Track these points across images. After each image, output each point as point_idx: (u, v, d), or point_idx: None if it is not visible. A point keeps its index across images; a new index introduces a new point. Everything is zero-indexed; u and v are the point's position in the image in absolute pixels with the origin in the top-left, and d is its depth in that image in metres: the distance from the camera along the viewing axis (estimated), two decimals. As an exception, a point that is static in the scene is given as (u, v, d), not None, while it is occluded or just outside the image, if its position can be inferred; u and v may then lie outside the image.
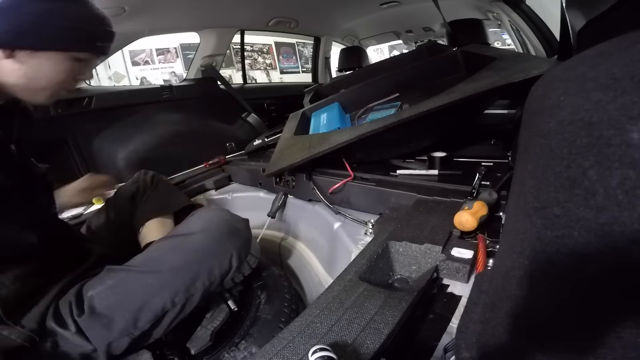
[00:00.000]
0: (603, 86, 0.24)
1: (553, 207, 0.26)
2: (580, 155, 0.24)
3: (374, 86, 1.33)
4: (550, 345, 0.27)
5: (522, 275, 0.29)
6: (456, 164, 0.93)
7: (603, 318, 0.24)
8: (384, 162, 1.00)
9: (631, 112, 0.22)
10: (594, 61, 0.26)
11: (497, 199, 0.66)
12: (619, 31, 0.28)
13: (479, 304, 0.42)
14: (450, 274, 0.54)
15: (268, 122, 2.01)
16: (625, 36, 0.26)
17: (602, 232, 0.22)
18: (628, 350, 0.23)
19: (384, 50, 5.06)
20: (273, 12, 1.90)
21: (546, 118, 0.29)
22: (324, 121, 1.18)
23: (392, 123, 0.74)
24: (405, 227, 0.63)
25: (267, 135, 1.46)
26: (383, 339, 0.40)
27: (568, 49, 0.73)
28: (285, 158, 0.98)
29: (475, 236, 0.59)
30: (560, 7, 0.74)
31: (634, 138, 0.21)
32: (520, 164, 0.37)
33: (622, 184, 0.22)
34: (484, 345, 0.35)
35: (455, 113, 0.86)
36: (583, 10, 0.59)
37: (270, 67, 4.83)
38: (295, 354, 0.39)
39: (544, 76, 0.34)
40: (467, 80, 0.78)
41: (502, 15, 1.90)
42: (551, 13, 1.49)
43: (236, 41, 2.03)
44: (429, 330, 0.45)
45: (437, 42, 2.28)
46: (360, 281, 0.51)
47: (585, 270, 0.24)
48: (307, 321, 0.44)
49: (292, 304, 0.74)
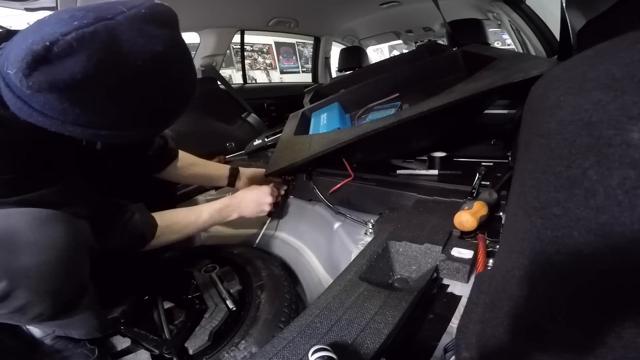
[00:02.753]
0: (603, 86, 0.24)
1: (553, 207, 0.26)
2: (580, 155, 0.24)
3: (374, 86, 1.32)
4: (550, 345, 0.27)
5: (522, 275, 0.29)
6: (456, 164, 0.93)
7: (603, 318, 0.24)
8: (384, 162, 1.00)
9: (631, 112, 0.22)
10: (594, 61, 0.26)
11: (497, 199, 0.66)
12: (619, 31, 0.28)
13: (479, 304, 0.42)
14: (450, 274, 0.54)
15: (268, 122, 2.01)
16: (625, 36, 0.26)
17: (602, 232, 0.22)
18: (628, 350, 0.23)
19: (384, 50, 5.06)
20: (273, 12, 1.90)
21: (546, 118, 0.29)
22: (324, 121, 1.18)
23: (392, 123, 0.74)
24: (405, 227, 0.63)
25: (267, 135, 1.46)
26: (383, 339, 0.40)
27: (568, 49, 0.73)
28: (285, 158, 0.98)
29: (475, 236, 0.59)
30: (560, 7, 0.74)
31: (634, 138, 0.21)
32: (520, 164, 0.37)
33: (622, 184, 0.22)
34: (484, 345, 0.35)
35: (455, 113, 0.86)
36: (583, 10, 0.59)
37: (270, 67, 4.82)
38: (295, 354, 0.39)
39: (544, 76, 0.34)
40: (467, 80, 0.78)
41: (502, 15, 1.90)
42: (551, 13, 1.50)
43: (236, 41, 2.03)
44: (429, 330, 0.45)
45: (437, 42, 2.29)
46: (360, 281, 0.51)
47: (586, 270, 0.24)
48: (307, 321, 0.44)
49: (292, 304, 0.74)
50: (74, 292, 0.52)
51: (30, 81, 0.38)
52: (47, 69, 0.38)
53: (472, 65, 1.11)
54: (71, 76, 0.39)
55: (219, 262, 0.88)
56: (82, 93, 0.41)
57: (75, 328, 0.59)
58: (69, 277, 0.51)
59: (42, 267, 0.47)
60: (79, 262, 0.53)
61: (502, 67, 0.79)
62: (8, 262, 0.45)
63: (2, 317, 0.49)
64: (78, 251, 0.52)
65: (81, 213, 0.57)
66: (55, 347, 0.62)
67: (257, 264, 0.85)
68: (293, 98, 1.89)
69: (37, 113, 0.43)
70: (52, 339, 0.62)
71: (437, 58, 1.33)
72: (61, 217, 0.51)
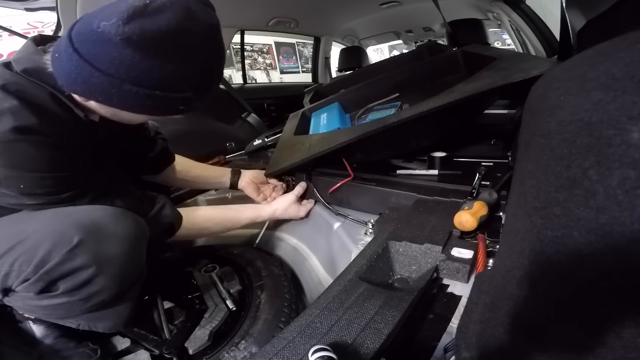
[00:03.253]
0: (603, 86, 0.24)
1: (553, 207, 0.26)
2: (580, 155, 0.24)
3: (374, 86, 1.32)
4: (550, 345, 0.27)
5: (522, 275, 0.29)
6: (456, 164, 0.93)
7: (603, 318, 0.24)
8: (384, 162, 1.00)
9: (631, 112, 0.22)
10: (594, 61, 0.26)
11: (497, 199, 0.66)
12: (619, 31, 0.28)
13: (479, 304, 0.42)
14: (450, 274, 0.54)
15: (268, 122, 2.01)
16: (625, 36, 0.26)
17: (602, 232, 0.22)
18: (628, 350, 0.23)
19: (384, 50, 5.05)
20: (273, 12, 1.90)
21: (546, 118, 0.29)
22: (324, 121, 1.18)
23: (392, 123, 0.74)
24: (405, 227, 0.63)
25: (267, 135, 1.46)
26: (383, 339, 0.40)
27: (568, 49, 0.73)
28: (285, 158, 0.98)
29: (475, 236, 0.59)
30: (560, 7, 0.74)
31: (634, 138, 0.21)
32: (520, 164, 0.37)
33: (622, 184, 0.22)
34: (484, 345, 0.35)
35: (455, 113, 0.86)
36: (583, 10, 0.59)
37: (270, 67, 4.82)
38: (295, 354, 0.39)
39: (543, 76, 0.34)
40: (467, 80, 0.78)
41: (502, 15, 1.90)
42: (551, 13, 1.50)
43: (236, 41, 2.03)
44: (429, 330, 0.45)
45: (437, 42, 2.29)
46: (360, 281, 0.51)
47: (585, 270, 0.24)
48: (307, 321, 0.44)
49: (292, 304, 0.74)
50: (136, 279, 0.60)
51: (127, 27, 0.44)
52: (142, 20, 0.45)
53: (472, 65, 1.11)
54: (158, 28, 0.45)
55: (219, 262, 0.88)
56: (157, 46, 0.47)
57: (106, 320, 0.61)
58: (137, 265, 0.59)
59: (122, 255, 0.55)
60: (143, 252, 0.61)
61: (502, 67, 0.79)
62: (97, 251, 0.52)
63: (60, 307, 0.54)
64: (143, 244, 0.61)
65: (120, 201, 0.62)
66: (56, 347, 0.62)
67: (257, 264, 0.85)
68: (293, 98, 1.89)
69: (98, 73, 0.47)
70: (53, 339, 0.62)
71: (437, 58, 1.33)
72: (128, 214, 0.60)
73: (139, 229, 0.60)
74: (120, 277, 0.55)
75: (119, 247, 0.55)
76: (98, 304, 0.55)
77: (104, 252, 0.53)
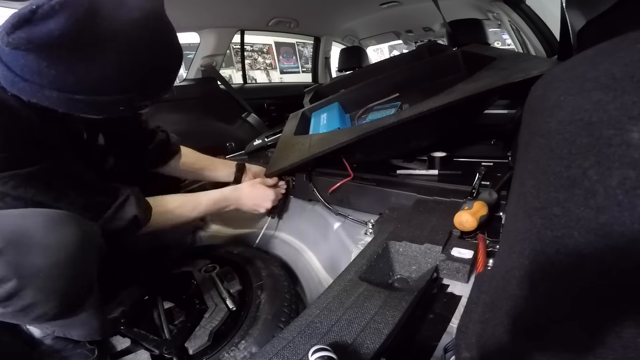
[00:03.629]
0: (603, 86, 0.24)
1: (553, 207, 0.26)
2: (580, 155, 0.24)
3: (374, 86, 1.32)
4: (550, 345, 0.27)
5: (522, 275, 0.29)
6: (456, 164, 0.93)
7: (603, 318, 0.24)
8: (384, 162, 1.00)
9: (631, 112, 0.22)
10: (594, 61, 0.26)
11: (497, 199, 0.66)
12: (619, 31, 0.28)
13: (479, 304, 0.41)
14: (450, 274, 0.54)
15: (268, 122, 2.01)
16: (625, 36, 0.26)
17: (602, 232, 0.22)
18: (628, 350, 0.23)
19: (384, 50, 5.05)
20: (273, 12, 1.90)
21: (546, 118, 0.29)
22: (324, 121, 1.18)
23: (392, 123, 0.74)
24: (405, 227, 0.63)
25: (267, 135, 1.46)
26: (383, 339, 0.40)
27: (568, 49, 0.73)
28: (285, 158, 0.98)
29: (475, 236, 0.59)
30: (560, 7, 0.74)
31: (634, 138, 0.21)
32: (520, 164, 0.37)
33: (622, 184, 0.22)
34: (484, 345, 0.35)
35: (455, 113, 0.86)
36: (583, 10, 0.59)
37: (270, 67, 4.83)
38: (295, 354, 0.39)
39: (544, 76, 0.34)
40: (467, 80, 0.78)
41: (502, 15, 1.90)
42: (551, 13, 1.50)
43: (236, 41, 2.03)
44: (429, 330, 0.45)
45: (437, 42, 2.28)
46: (360, 281, 0.51)
47: (585, 270, 0.24)
48: (307, 321, 0.44)
49: (292, 304, 0.74)
50: (80, 293, 0.53)
51: (11, 38, 0.41)
52: (29, 28, 0.41)
53: (472, 65, 1.11)
54: (49, 34, 0.41)
55: (219, 262, 0.88)
56: (58, 51, 0.44)
57: (76, 329, 0.59)
58: (77, 278, 0.52)
59: (52, 268, 0.48)
60: (88, 264, 0.53)
61: (502, 67, 0.79)
62: (19, 262, 0.46)
63: (5, 316, 0.49)
64: (88, 254, 0.53)
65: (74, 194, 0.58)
66: (55, 347, 0.62)
67: (257, 264, 0.85)
68: (293, 98, 1.89)
69: (18, 78, 0.45)
70: (52, 339, 0.62)
71: (437, 58, 1.33)
72: (73, 220, 0.52)
73: (82, 238, 0.52)
74: (56, 290, 0.49)
75: (48, 257, 0.48)
76: (42, 316, 0.49)
77: (27, 264, 0.47)
